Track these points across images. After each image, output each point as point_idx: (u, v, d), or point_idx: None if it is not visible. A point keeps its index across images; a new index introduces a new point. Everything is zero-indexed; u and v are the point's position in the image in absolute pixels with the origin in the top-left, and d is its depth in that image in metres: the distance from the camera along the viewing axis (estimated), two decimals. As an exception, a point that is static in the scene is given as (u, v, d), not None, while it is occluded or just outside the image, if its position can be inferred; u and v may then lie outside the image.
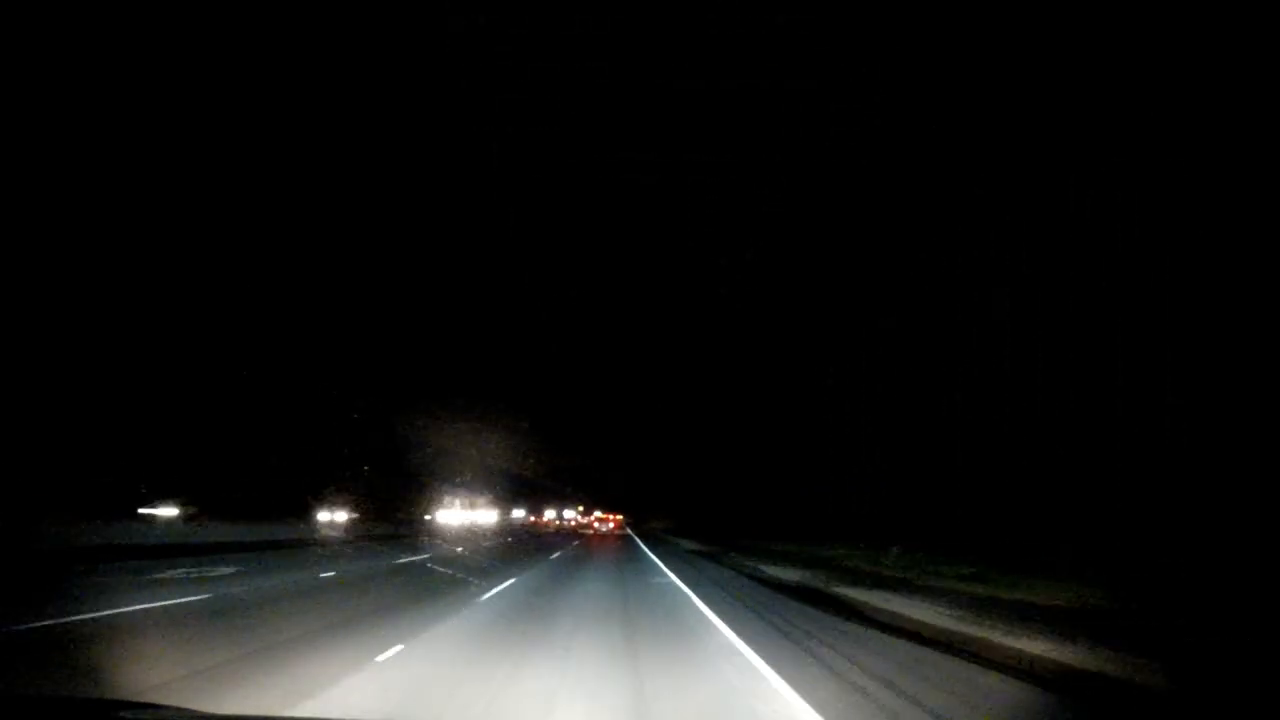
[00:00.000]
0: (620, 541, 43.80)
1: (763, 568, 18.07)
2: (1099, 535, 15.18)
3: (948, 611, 8.73)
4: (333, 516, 37.83)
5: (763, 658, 6.73)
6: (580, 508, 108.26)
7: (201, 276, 34.61)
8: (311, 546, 22.59)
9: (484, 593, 12.05)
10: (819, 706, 5.01)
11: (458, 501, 62.09)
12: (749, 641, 7.59)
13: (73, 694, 4.45)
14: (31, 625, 7.07)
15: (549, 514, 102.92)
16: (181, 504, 31.19)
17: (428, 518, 55.54)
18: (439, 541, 30.88)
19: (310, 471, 40.49)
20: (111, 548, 15.55)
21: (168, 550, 16.99)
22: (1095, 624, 7.63)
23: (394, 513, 51.41)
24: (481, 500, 74.18)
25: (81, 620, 7.44)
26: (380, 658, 6.28)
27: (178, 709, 2.81)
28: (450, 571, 15.62)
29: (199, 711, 2.74)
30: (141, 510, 29.61)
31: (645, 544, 37.23)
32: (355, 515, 40.62)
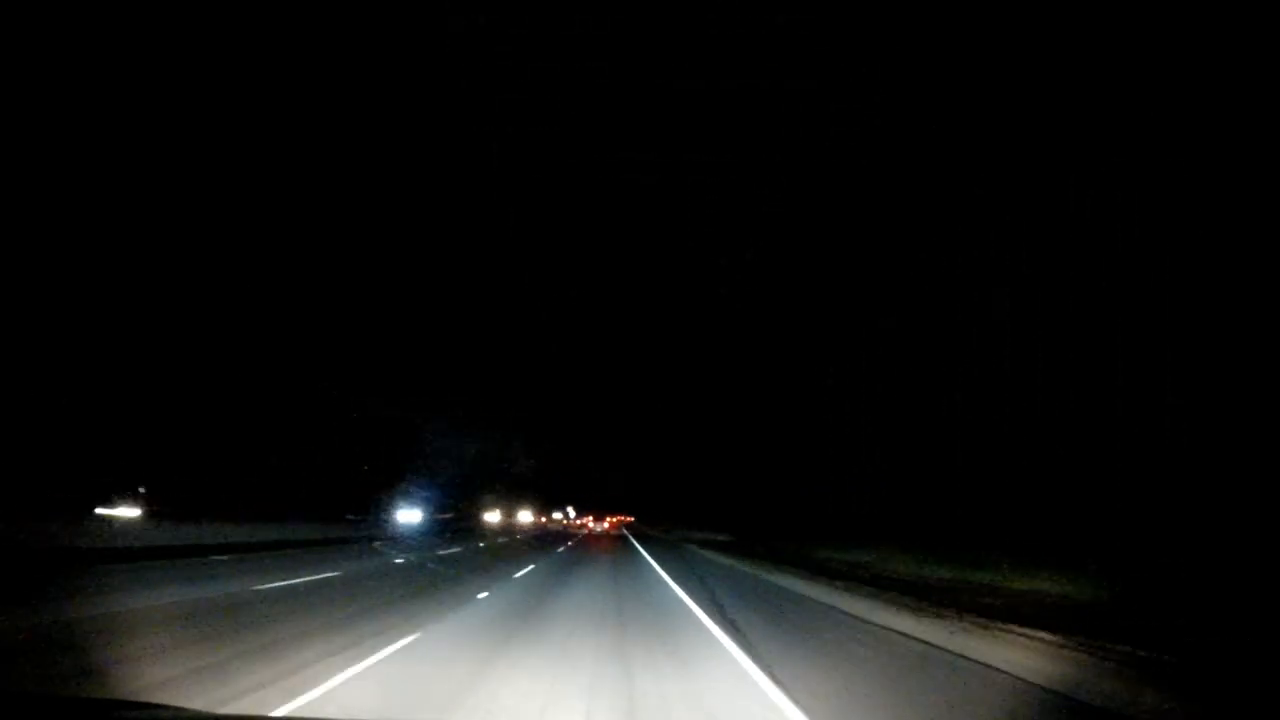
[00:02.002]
0: (614, 552, 28.59)
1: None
2: (1108, 532, 15.27)
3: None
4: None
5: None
6: (570, 509, 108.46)
7: (202, 281, 34.66)
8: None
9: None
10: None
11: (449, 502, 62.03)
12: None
13: (74, 693, 4.45)
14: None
15: (549, 515, 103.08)
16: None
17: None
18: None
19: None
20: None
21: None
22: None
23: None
24: (477, 501, 74.22)
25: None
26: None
27: (177, 709, 2.81)
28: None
29: (199, 711, 2.75)
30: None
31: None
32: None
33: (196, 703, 4.45)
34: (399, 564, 17.09)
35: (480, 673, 5.81)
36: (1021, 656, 6.57)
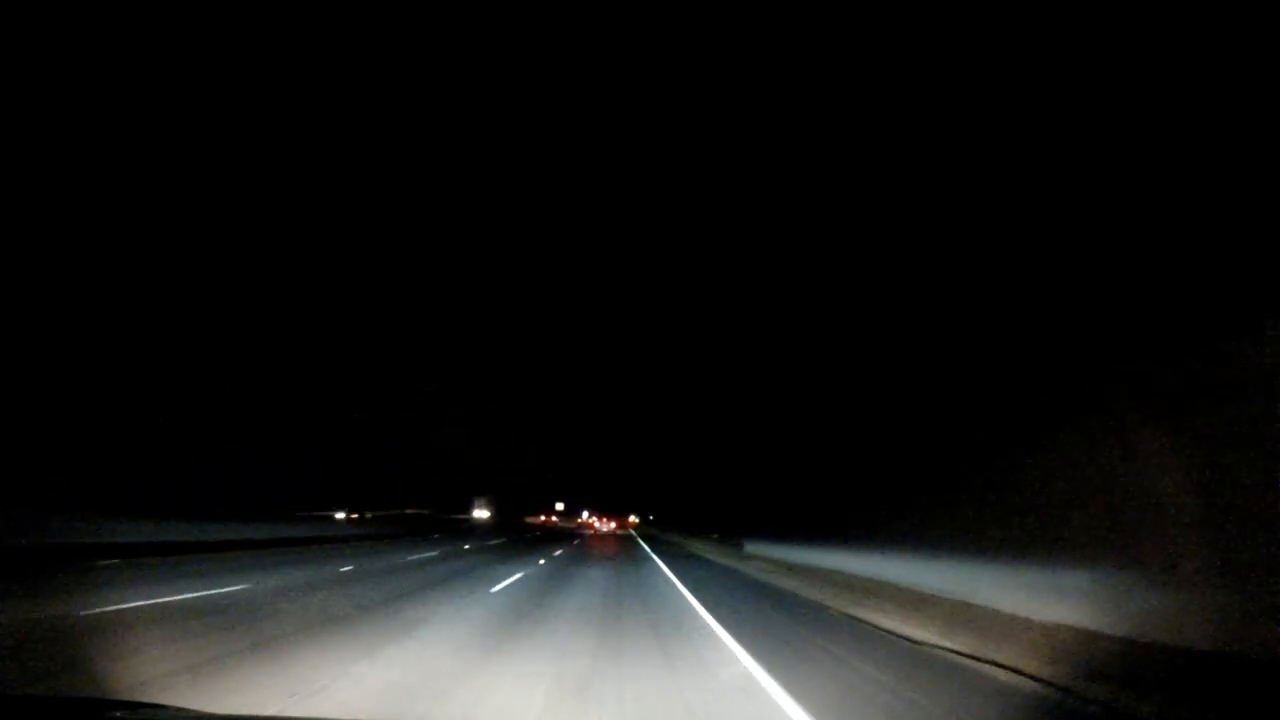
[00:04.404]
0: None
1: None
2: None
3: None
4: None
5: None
6: (561, 506, 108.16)
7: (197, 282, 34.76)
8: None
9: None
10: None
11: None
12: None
13: (74, 693, 4.46)
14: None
15: (549, 515, 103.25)
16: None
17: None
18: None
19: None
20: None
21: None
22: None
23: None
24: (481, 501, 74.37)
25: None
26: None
27: (177, 709, 2.83)
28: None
29: (198, 711, 2.76)
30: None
31: None
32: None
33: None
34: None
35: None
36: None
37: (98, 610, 7.57)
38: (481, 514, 58.07)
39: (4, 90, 24.04)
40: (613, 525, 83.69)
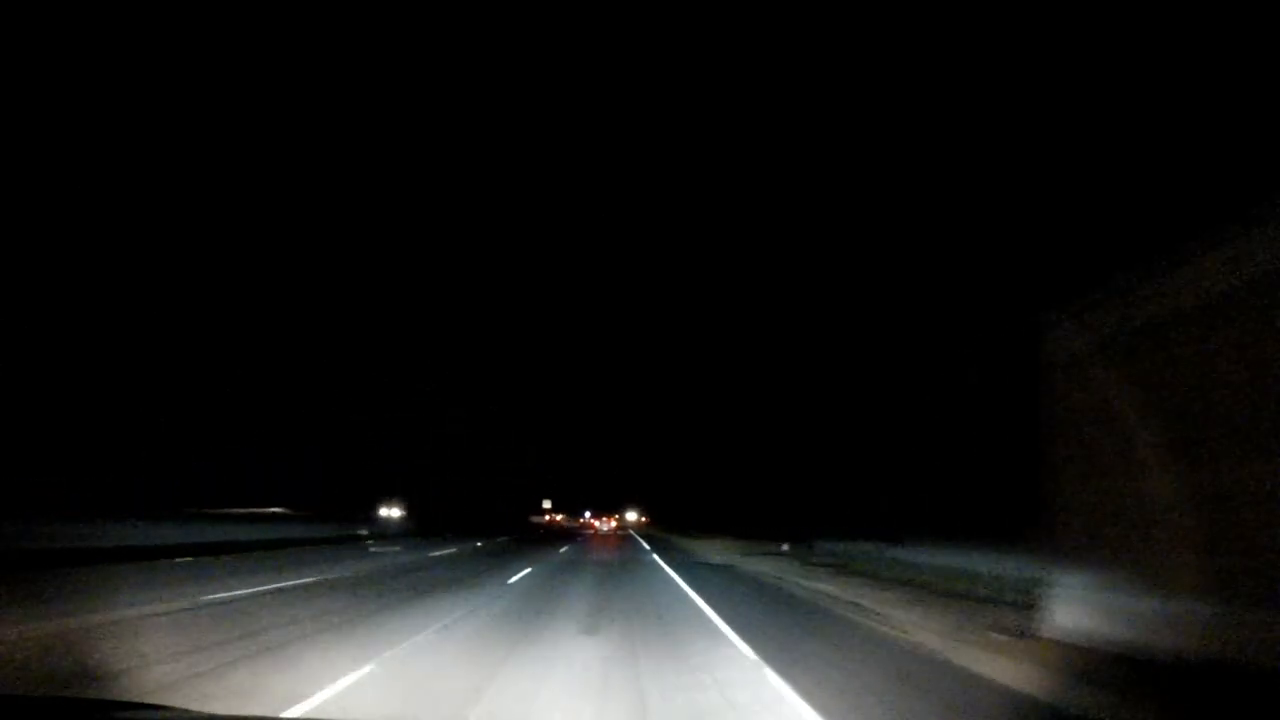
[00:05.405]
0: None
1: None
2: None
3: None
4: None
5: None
6: (547, 504, 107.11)
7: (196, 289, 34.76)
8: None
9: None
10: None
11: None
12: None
13: (74, 694, 4.48)
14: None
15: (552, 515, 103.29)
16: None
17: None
18: None
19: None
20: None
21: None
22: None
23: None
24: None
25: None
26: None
27: (177, 709, 2.83)
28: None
29: (199, 712, 2.77)
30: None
31: None
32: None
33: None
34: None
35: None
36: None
37: None
38: (391, 513, 55.50)
39: (7, 92, 24.07)
40: (613, 525, 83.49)
